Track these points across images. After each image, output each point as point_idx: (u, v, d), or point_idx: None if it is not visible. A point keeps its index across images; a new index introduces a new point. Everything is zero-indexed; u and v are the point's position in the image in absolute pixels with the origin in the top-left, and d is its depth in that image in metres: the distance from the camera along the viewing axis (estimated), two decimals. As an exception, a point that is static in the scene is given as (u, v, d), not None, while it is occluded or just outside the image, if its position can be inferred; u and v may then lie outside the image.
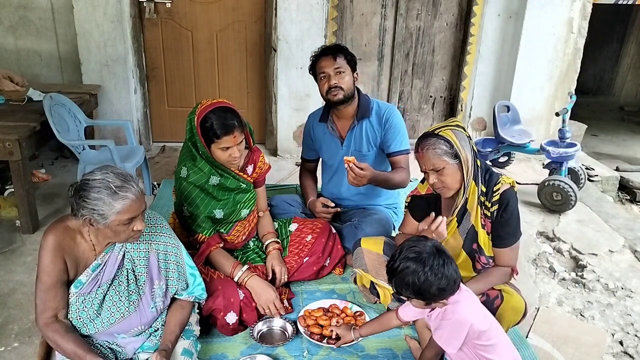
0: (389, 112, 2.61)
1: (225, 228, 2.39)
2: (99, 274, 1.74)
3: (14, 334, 2.20)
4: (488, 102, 4.59)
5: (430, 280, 1.56)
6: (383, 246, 2.30)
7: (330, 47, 2.55)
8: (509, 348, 1.72)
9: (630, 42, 7.40)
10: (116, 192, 1.57)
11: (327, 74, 2.50)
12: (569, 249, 3.13)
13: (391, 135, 2.59)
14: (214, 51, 4.31)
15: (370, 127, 2.63)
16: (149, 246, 1.83)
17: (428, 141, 1.88)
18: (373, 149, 2.65)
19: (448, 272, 1.58)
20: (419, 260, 1.58)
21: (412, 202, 2.16)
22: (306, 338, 2.11)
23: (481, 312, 1.71)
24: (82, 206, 1.58)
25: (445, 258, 1.61)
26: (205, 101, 2.15)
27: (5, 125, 2.97)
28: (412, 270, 1.57)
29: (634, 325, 2.45)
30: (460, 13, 4.44)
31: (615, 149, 5.53)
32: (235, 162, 2.21)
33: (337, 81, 2.49)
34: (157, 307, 1.84)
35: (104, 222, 1.60)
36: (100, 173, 1.61)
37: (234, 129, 2.09)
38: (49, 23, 4.25)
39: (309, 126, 2.84)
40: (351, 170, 2.32)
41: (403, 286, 1.60)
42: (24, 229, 3.01)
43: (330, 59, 2.49)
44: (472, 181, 1.92)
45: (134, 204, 1.61)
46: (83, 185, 1.60)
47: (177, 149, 4.45)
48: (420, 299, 1.62)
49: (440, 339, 1.67)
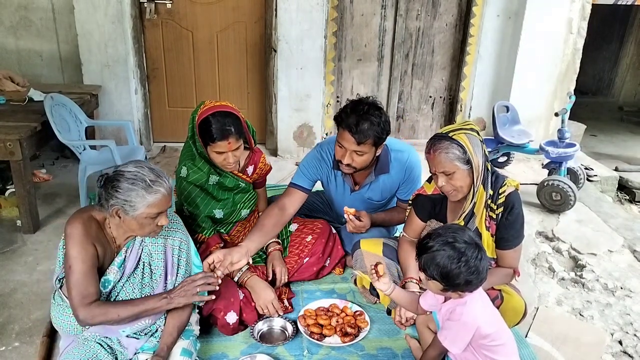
0: (410, 166, 2.42)
1: (226, 228, 2.40)
2: (124, 269, 1.77)
3: (15, 333, 2.21)
4: (487, 102, 4.60)
5: (462, 270, 1.53)
6: (382, 248, 2.32)
7: (361, 129, 2.10)
8: (514, 349, 1.71)
9: (629, 42, 7.40)
10: (150, 185, 1.62)
11: (345, 151, 2.20)
12: (568, 249, 3.13)
13: (407, 188, 2.45)
14: (214, 52, 4.32)
15: (389, 180, 2.45)
16: (165, 241, 1.86)
17: (441, 144, 1.84)
18: (388, 197, 2.55)
19: (481, 266, 1.55)
20: (457, 247, 1.54)
21: (417, 200, 2.14)
22: (306, 337, 2.12)
23: (489, 313, 1.68)
24: (113, 196, 1.61)
25: (482, 253, 1.57)
26: (210, 102, 2.16)
27: (6, 125, 2.98)
28: (448, 255, 1.53)
29: (633, 325, 2.46)
30: (459, 14, 4.45)
31: (614, 149, 5.53)
32: (229, 168, 2.21)
33: (350, 161, 2.21)
34: None
35: (133, 213, 1.63)
36: (134, 166, 1.65)
37: (230, 136, 2.08)
38: (50, 23, 4.25)
39: (316, 157, 2.47)
40: (352, 221, 2.34)
41: (432, 265, 1.55)
42: (24, 229, 3.01)
43: (354, 142, 2.14)
44: (480, 186, 1.89)
45: (164, 199, 1.66)
46: (116, 176, 1.63)
47: (177, 149, 4.46)
48: (443, 284, 1.57)
49: (445, 339, 1.65)
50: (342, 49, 4.41)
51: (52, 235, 3.00)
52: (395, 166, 2.41)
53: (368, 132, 2.12)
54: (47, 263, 2.70)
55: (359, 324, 2.19)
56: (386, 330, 2.23)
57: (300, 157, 4.40)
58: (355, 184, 2.49)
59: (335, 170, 2.45)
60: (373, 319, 2.26)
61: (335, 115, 2.23)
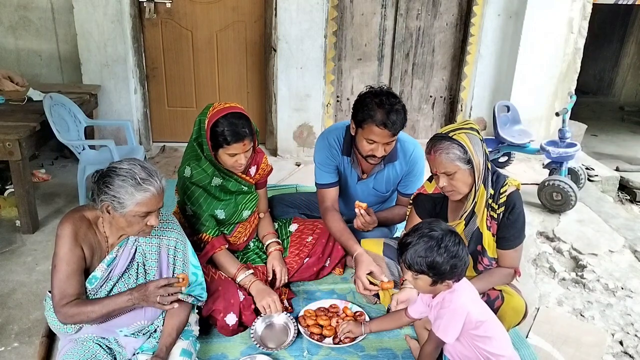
0: (414, 159, 2.45)
1: (228, 229, 2.39)
2: (113, 268, 1.76)
3: (14, 333, 2.20)
4: (488, 102, 4.59)
5: (444, 256, 1.59)
6: (383, 247, 2.31)
7: (393, 122, 2.14)
8: (507, 343, 1.73)
9: (630, 42, 7.39)
10: (140, 183, 1.61)
11: (377, 145, 2.22)
12: (569, 249, 3.13)
13: (409, 182, 2.49)
14: (214, 51, 4.31)
15: (394, 170, 2.48)
16: (160, 241, 1.85)
17: (441, 144, 1.84)
18: (392, 188, 2.57)
19: (461, 251, 1.62)
20: (434, 236, 1.61)
21: (418, 200, 2.14)
22: (306, 338, 2.11)
23: (478, 304, 1.73)
24: (103, 191, 1.62)
25: (459, 238, 1.65)
26: (218, 104, 2.14)
27: (5, 125, 2.97)
28: (428, 246, 1.60)
29: (634, 325, 2.45)
30: (460, 13, 4.44)
31: (615, 149, 5.53)
32: (240, 168, 2.21)
33: (383, 153, 2.26)
34: None
35: (121, 210, 1.62)
36: (127, 163, 1.65)
37: (245, 138, 2.08)
38: (49, 23, 4.25)
39: (325, 146, 2.48)
40: (362, 216, 2.34)
41: (415, 259, 1.61)
42: (24, 229, 3.01)
43: (388, 135, 2.18)
44: (481, 185, 1.90)
45: (153, 199, 1.65)
46: (109, 172, 1.64)
47: (177, 149, 4.45)
48: (430, 276, 1.63)
49: (438, 329, 1.68)
50: (342, 49, 4.41)
51: (51, 235, 2.99)
52: (400, 157, 2.44)
53: (399, 122, 2.18)
54: (46, 263, 2.69)
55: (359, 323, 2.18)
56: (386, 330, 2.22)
57: (300, 157, 4.39)
58: (363, 173, 2.50)
59: (344, 157, 2.46)
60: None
61: (355, 114, 2.24)
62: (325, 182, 2.48)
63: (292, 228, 2.58)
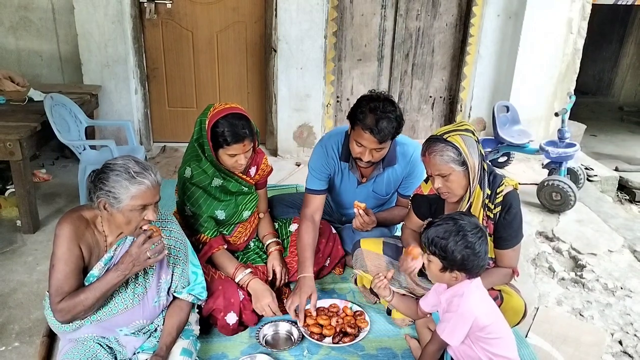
0: (414, 161, 2.43)
1: (228, 230, 2.40)
2: (111, 266, 1.76)
3: (15, 333, 2.21)
4: (487, 102, 4.60)
5: (459, 244, 1.60)
6: (382, 246, 2.32)
7: (381, 129, 2.10)
8: (512, 344, 1.72)
9: (629, 43, 7.40)
10: (134, 176, 1.62)
11: (365, 149, 2.20)
12: (568, 249, 3.13)
13: (410, 184, 2.47)
14: (214, 51, 4.32)
15: (394, 173, 2.47)
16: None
17: (436, 146, 1.85)
18: (392, 191, 2.57)
19: (479, 246, 1.62)
20: (458, 223, 1.63)
21: (415, 200, 2.16)
22: (306, 337, 2.12)
23: (487, 305, 1.70)
24: (99, 188, 1.62)
25: (483, 235, 1.64)
26: (219, 105, 2.15)
27: (6, 125, 2.98)
28: (448, 229, 1.62)
29: (633, 325, 2.46)
30: (459, 13, 4.45)
31: (614, 149, 5.53)
32: (240, 169, 2.22)
33: (370, 158, 2.23)
34: (160, 302, 1.85)
35: (118, 205, 1.63)
36: (121, 159, 1.67)
37: (245, 138, 2.09)
38: (50, 23, 4.26)
39: (322, 154, 2.47)
40: (361, 216, 2.33)
41: (433, 238, 1.63)
42: (24, 229, 3.01)
43: (374, 141, 2.15)
44: (477, 186, 1.90)
45: (148, 191, 1.65)
46: (104, 169, 1.65)
47: (177, 149, 4.46)
48: (441, 259, 1.64)
49: (444, 332, 1.67)
50: (342, 49, 4.41)
51: (51, 235, 2.93)
52: (400, 160, 2.43)
53: (388, 130, 2.14)
54: (47, 263, 2.67)
55: (359, 324, 2.19)
56: (386, 330, 2.23)
57: (300, 157, 4.40)
58: (362, 177, 2.50)
59: (342, 163, 2.46)
60: (373, 319, 2.26)
61: (350, 114, 2.22)
62: (314, 188, 2.47)
63: (292, 228, 2.58)
